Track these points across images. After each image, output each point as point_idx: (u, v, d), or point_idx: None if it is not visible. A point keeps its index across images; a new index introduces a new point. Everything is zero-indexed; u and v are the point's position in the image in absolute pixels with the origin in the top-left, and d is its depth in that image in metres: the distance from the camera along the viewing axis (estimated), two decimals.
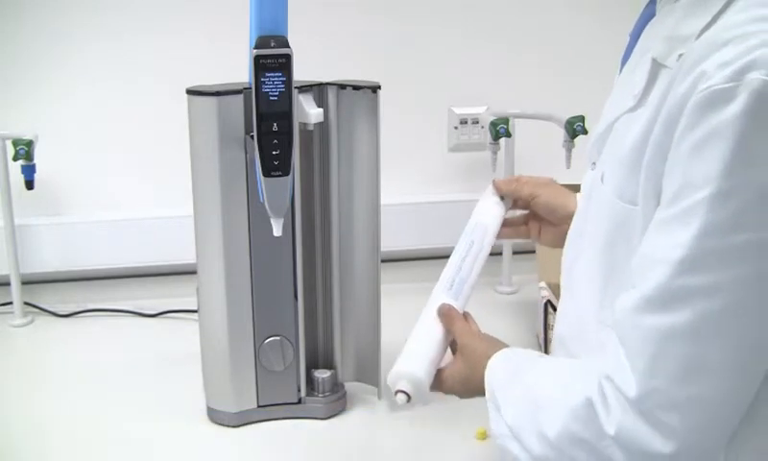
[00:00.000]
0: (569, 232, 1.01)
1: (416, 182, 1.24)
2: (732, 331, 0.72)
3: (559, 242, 1.08)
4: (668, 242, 0.73)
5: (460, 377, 1.03)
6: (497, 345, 1.01)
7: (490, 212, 1.19)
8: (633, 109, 0.84)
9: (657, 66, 0.81)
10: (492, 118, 1.76)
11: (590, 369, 0.81)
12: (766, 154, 0.69)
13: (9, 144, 1.62)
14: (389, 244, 1.37)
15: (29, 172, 1.62)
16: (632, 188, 0.81)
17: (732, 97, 0.69)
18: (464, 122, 1.89)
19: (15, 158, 1.62)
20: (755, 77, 0.68)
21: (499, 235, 1.18)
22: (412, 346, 1.05)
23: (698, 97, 0.70)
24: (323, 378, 1.31)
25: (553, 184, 1.21)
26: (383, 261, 1.33)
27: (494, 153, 1.78)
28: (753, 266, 0.70)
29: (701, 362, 0.72)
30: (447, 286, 1.10)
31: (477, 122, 1.89)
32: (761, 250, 0.70)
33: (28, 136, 1.63)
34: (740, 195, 0.69)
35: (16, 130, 1.64)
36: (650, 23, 0.89)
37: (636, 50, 0.91)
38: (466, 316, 1.07)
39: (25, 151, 1.61)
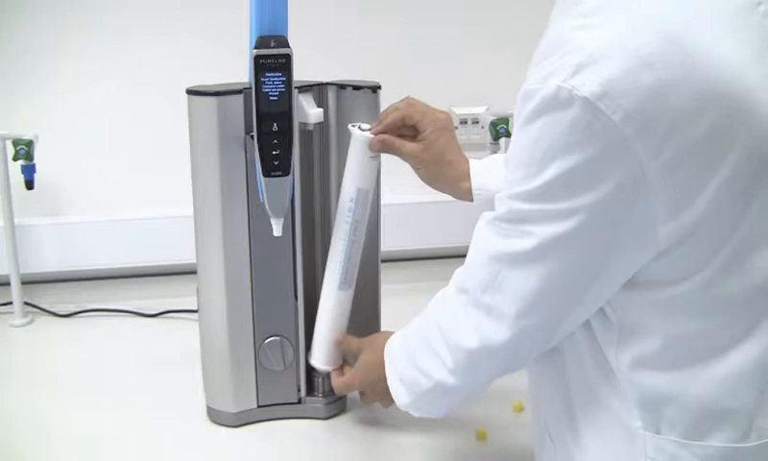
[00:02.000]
0: None
1: (416, 183, 1.25)
2: (531, 270, 0.85)
3: (432, 180, 1.23)
4: (504, 189, 0.87)
5: (364, 365, 1.20)
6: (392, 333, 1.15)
7: (367, 175, 1.23)
8: None
9: None
10: (491, 118, 1.76)
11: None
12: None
13: (9, 144, 1.62)
14: (389, 244, 1.37)
15: (29, 172, 1.62)
16: None
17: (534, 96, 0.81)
18: (464, 122, 1.89)
19: (15, 158, 1.62)
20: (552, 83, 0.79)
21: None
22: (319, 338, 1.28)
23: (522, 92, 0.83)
24: (322, 378, 1.31)
25: (442, 139, 1.23)
26: (383, 261, 1.33)
27: (494, 153, 1.78)
28: (554, 229, 0.82)
29: (501, 281, 0.88)
30: (342, 280, 1.25)
31: (477, 122, 1.89)
32: (562, 217, 0.81)
33: (28, 136, 1.63)
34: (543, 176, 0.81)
35: (16, 130, 1.64)
36: None
37: None
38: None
39: (25, 151, 1.61)
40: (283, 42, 1.14)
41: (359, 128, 1.22)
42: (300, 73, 1.17)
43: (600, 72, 0.76)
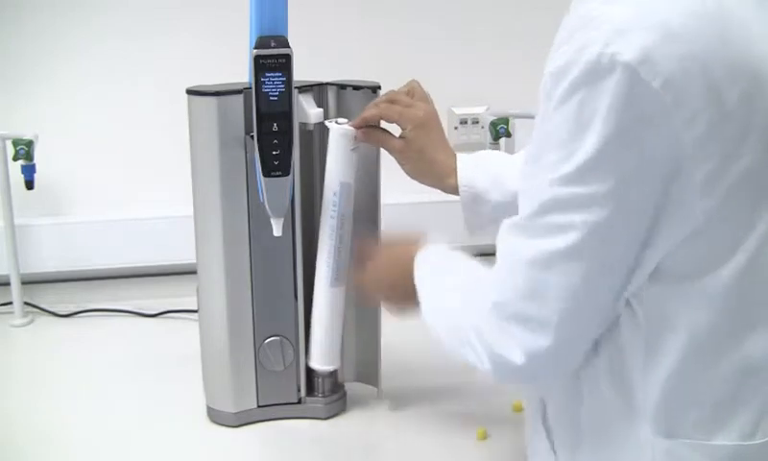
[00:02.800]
0: None
1: (416, 182, 1.25)
2: (572, 268, 0.82)
3: (417, 176, 1.22)
4: (533, 184, 0.84)
5: (389, 261, 1.16)
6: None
7: (348, 169, 1.23)
8: None
9: None
10: (491, 118, 1.76)
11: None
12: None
13: (9, 144, 1.62)
14: None
15: (29, 172, 1.62)
16: None
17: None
18: (464, 122, 1.89)
19: (15, 158, 1.62)
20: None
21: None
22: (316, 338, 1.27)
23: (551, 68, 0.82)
24: (323, 378, 1.31)
25: (422, 136, 1.22)
26: None
27: None
28: (596, 215, 0.80)
29: (539, 287, 0.84)
30: (334, 277, 1.24)
31: (477, 122, 1.89)
32: (603, 200, 0.79)
33: (28, 136, 1.63)
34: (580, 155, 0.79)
35: (16, 130, 1.64)
36: None
37: None
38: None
39: (25, 151, 1.61)
40: (283, 42, 1.14)
41: (336, 122, 1.23)
42: (301, 73, 1.17)
43: (637, 39, 0.76)
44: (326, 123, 1.23)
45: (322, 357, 1.29)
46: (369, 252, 1.22)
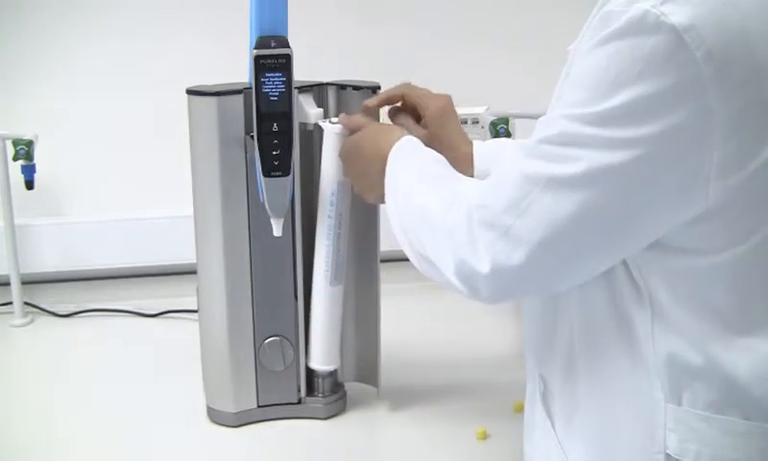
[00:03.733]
0: None
1: None
2: (564, 198, 0.80)
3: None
4: (552, 115, 0.83)
5: (365, 148, 1.13)
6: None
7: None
8: None
9: None
10: (491, 118, 1.76)
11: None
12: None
13: (9, 144, 1.62)
14: (389, 244, 1.36)
15: (29, 172, 1.62)
16: None
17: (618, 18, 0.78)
18: (464, 122, 1.88)
19: (15, 158, 1.62)
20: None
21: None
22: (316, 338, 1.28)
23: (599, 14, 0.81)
24: (323, 379, 1.31)
25: (443, 120, 1.22)
26: (383, 261, 1.33)
27: None
28: (605, 160, 0.78)
29: (530, 203, 0.82)
30: (333, 276, 1.25)
31: (477, 122, 1.89)
32: (615, 149, 0.78)
33: (28, 136, 1.63)
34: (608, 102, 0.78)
35: (16, 130, 1.64)
36: None
37: None
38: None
39: (25, 151, 1.61)
40: (283, 43, 1.14)
41: (329, 122, 1.23)
42: (301, 73, 1.17)
43: (688, 5, 0.75)
44: (320, 123, 1.23)
45: (321, 357, 1.29)
46: (357, 124, 1.19)
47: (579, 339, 0.92)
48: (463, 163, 1.20)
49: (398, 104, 1.25)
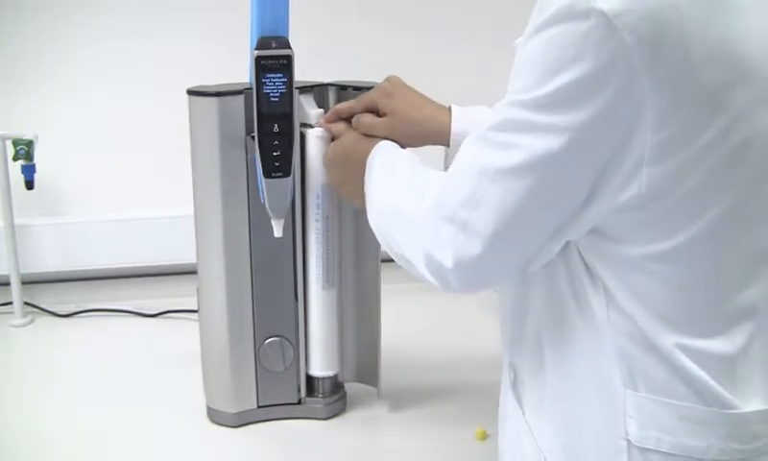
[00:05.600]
0: None
1: None
2: (513, 186, 0.83)
3: (419, 140, 1.20)
4: (501, 102, 0.86)
5: (351, 140, 1.17)
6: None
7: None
8: None
9: None
10: None
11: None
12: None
13: (9, 144, 1.62)
14: None
15: (29, 172, 1.63)
16: None
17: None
18: None
19: (15, 158, 1.62)
20: None
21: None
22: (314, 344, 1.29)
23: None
24: (322, 379, 1.31)
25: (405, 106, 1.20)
26: (383, 261, 1.33)
27: None
28: (546, 144, 0.80)
29: (481, 197, 0.85)
30: (325, 279, 1.25)
31: None
32: (554, 134, 0.80)
33: (28, 136, 1.63)
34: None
35: (16, 130, 1.64)
36: None
37: None
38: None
39: (25, 151, 1.61)
40: (284, 43, 1.14)
41: (310, 126, 1.23)
42: (301, 74, 1.17)
43: None
44: (302, 130, 1.22)
45: (320, 363, 1.29)
46: (338, 131, 1.21)
47: (546, 327, 0.94)
48: (445, 132, 1.21)
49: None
